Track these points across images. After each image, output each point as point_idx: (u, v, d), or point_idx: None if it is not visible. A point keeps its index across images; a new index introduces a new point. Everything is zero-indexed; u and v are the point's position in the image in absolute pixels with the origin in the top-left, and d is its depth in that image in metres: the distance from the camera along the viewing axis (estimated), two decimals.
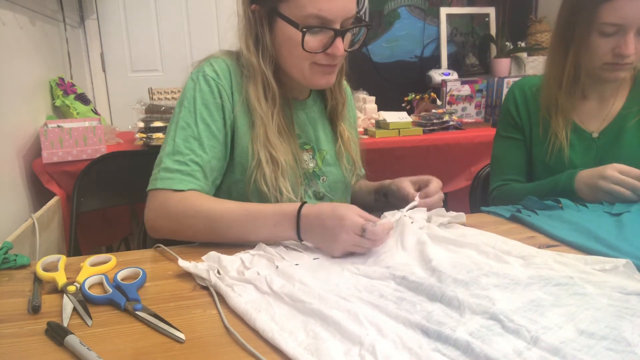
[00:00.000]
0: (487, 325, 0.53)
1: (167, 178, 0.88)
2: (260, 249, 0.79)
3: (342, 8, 0.86)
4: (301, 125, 1.04)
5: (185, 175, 0.88)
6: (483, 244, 0.76)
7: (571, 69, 1.15)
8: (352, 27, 0.91)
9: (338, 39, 0.88)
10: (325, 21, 0.86)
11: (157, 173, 0.90)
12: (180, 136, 0.91)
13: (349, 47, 0.95)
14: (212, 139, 0.92)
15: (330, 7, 0.85)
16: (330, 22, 0.87)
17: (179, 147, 0.90)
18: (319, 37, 0.89)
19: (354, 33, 0.97)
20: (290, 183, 0.96)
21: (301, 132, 1.04)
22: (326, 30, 0.88)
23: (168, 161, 0.89)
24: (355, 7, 0.91)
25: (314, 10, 0.85)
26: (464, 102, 2.60)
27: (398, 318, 0.56)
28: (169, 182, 0.88)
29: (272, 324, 0.56)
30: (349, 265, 0.72)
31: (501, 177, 1.28)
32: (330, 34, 0.88)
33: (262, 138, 0.93)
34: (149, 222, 0.89)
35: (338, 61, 0.93)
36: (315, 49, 0.89)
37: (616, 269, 0.68)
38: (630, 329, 0.52)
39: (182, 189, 0.87)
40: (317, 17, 0.86)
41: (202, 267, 0.70)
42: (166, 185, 0.88)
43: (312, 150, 1.05)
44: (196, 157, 0.90)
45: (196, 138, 0.91)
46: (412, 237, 0.78)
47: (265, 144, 0.93)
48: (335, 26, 0.87)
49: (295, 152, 0.99)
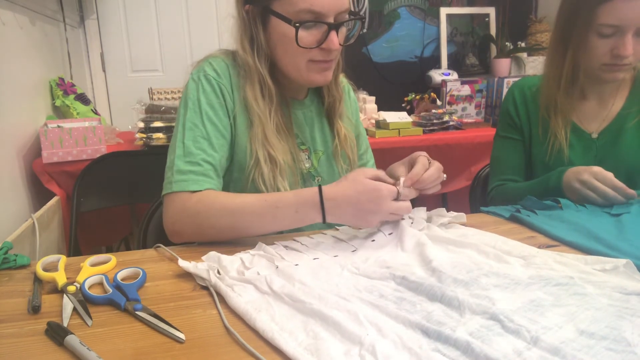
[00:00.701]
0: (487, 325, 0.53)
1: (181, 180, 0.87)
2: (260, 249, 0.80)
3: (334, 1, 0.86)
4: (299, 125, 1.03)
5: (199, 175, 0.88)
6: (483, 244, 0.76)
7: (570, 70, 1.15)
8: (346, 20, 0.91)
9: (332, 33, 0.88)
10: (318, 15, 0.86)
11: (171, 176, 0.89)
12: (189, 137, 0.90)
13: (344, 42, 0.94)
14: (220, 137, 0.92)
15: (322, 1, 0.85)
16: (323, 16, 0.87)
17: (190, 148, 0.90)
18: (313, 32, 0.88)
19: (349, 28, 0.97)
20: (289, 182, 0.95)
21: (299, 132, 1.03)
22: (320, 25, 0.88)
23: (180, 163, 0.89)
24: (349, 0, 0.91)
25: (306, 5, 0.85)
26: (464, 102, 2.60)
27: (398, 318, 0.56)
28: (184, 184, 0.87)
29: (272, 324, 0.56)
30: (349, 265, 0.72)
31: (499, 177, 1.28)
32: (324, 28, 0.88)
33: (260, 137, 0.93)
34: (169, 227, 0.88)
35: (334, 56, 0.93)
36: (309, 45, 0.88)
37: (616, 269, 0.68)
38: (630, 329, 0.52)
39: (198, 189, 0.87)
40: (309, 11, 0.86)
41: (202, 267, 0.70)
42: (182, 187, 0.87)
43: (308, 151, 1.05)
44: (208, 157, 0.90)
45: (205, 138, 0.91)
46: (412, 238, 0.78)
47: (263, 143, 0.93)
48: (328, 20, 0.87)
49: (294, 151, 0.99)
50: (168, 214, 0.88)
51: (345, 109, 1.11)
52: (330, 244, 0.82)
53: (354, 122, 1.16)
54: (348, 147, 1.08)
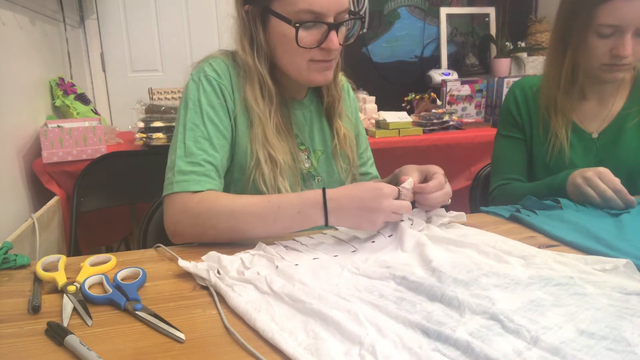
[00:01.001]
0: (487, 325, 0.53)
1: (182, 181, 0.87)
2: (260, 249, 0.80)
3: (333, 1, 0.86)
4: (298, 125, 1.03)
5: (200, 175, 0.88)
6: (483, 244, 0.76)
7: (569, 70, 1.15)
8: (346, 20, 0.91)
9: (332, 33, 0.88)
10: (318, 15, 0.87)
11: (172, 177, 0.88)
12: (190, 138, 0.90)
13: (343, 42, 0.95)
14: (222, 138, 0.92)
15: (321, 1, 0.86)
16: (322, 16, 0.87)
17: (191, 148, 0.89)
18: (313, 32, 0.89)
19: (349, 27, 0.97)
20: (289, 182, 0.95)
21: (298, 132, 1.03)
22: (320, 25, 0.88)
23: (181, 164, 0.88)
24: (348, 0, 0.91)
25: (306, 5, 0.85)
26: (464, 102, 2.60)
27: (398, 318, 0.56)
28: (186, 185, 0.87)
29: (272, 324, 0.56)
30: (349, 265, 0.72)
31: (502, 177, 1.27)
32: (323, 28, 0.88)
33: (260, 137, 0.93)
34: (170, 227, 0.87)
35: (334, 56, 0.93)
36: (309, 45, 0.89)
37: (616, 269, 0.68)
38: (630, 329, 0.52)
39: (200, 190, 0.86)
40: (309, 11, 0.86)
41: (202, 267, 0.70)
42: (183, 187, 0.86)
43: (308, 151, 1.05)
44: (209, 157, 0.90)
45: (206, 138, 0.91)
46: (412, 239, 0.79)
47: (263, 144, 0.93)
48: (328, 20, 0.88)
49: (294, 151, 0.99)
50: (169, 214, 0.88)
51: (345, 108, 1.11)
52: (330, 244, 0.82)
53: (354, 121, 1.16)
54: (347, 146, 1.08)
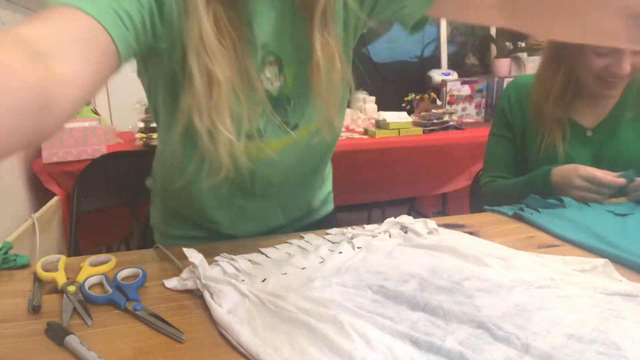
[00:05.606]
0: (476, 334, 0.52)
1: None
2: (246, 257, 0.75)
3: None
4: (258, 20, 0.67)
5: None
6: (461, 247, 0.75)
7: (561, 85, 1.16)
8: None
9: None
10: None
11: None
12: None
13: None
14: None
15: None
16: None
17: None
18: None
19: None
20: (235, 114, 0.64)
21: (259, 32, 0.67)
22: None
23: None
24: None
25: None
26: (464, 102, 2.61)
27: (385, 329, 0.54)
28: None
29: (255, 339, 0.53)
30: (319, 277, 0.67)
31: (489, 174, 1.30)
32: None
33: (195, 40, 0.59)
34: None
35: None
36: None
37: (595, 269, 0.68)
38: (617, 332, 0.52)
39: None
40: None
41: (188, 281, 0.67)
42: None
43: (278, 63, 0.71)
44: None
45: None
46: (385, 248, 0.76)
47: (198, 50, 0.59)
48: None
49: (243, 61, 0.64)
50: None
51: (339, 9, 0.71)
52: (296, 255, 0.76)
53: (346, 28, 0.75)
54: (335, 72, 0.71)
